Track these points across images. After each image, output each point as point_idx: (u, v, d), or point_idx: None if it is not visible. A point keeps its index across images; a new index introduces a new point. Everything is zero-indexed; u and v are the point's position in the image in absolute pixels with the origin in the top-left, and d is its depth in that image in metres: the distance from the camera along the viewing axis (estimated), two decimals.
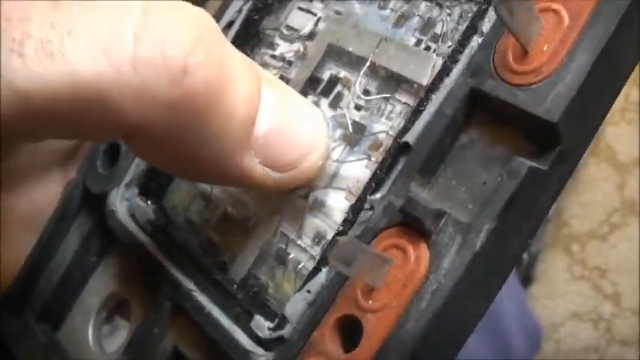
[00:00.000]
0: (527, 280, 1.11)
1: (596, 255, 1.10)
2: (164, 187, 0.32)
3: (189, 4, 0.25)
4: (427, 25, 0.28)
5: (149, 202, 0.32)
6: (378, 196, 0.25)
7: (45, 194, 0.35)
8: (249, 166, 0.25)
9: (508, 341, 0.84)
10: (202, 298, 0.28)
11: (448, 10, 0.27)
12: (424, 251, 0.23)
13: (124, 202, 0.32)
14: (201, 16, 0.24)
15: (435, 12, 0.28)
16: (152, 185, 0.32)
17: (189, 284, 0.28)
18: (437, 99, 0.25)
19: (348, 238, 0.22)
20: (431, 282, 0.22)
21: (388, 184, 0.25)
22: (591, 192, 1.13)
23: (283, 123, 0.26)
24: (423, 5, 0.28)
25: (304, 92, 0.30)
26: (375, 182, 0.26)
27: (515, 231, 0.23)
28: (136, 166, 0.32)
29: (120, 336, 0.34)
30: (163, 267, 0.29)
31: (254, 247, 0.28)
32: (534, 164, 0.22)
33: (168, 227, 0.31)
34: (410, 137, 0.25)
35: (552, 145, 0.23)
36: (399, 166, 0.25)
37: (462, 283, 0.22)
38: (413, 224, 0.23)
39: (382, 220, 0.24)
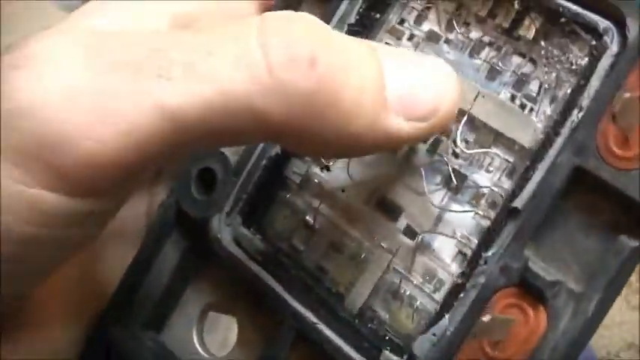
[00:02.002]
0: None
1: None
2: (266, 214, 0.38)
3: (305, 15, 0.31)
4: (520, 82, 0.34)
5: (252, 230, 0.38)
6: (490, 253, 0.32)
7: (134, 213, 0.41)
8: (394, 126, 0.31)
9: None
10: (328, 332, 0.35)
11: (545, 74, 0.33)
12: (542, 313, 0.31)
13: (227, 230, 0.38)
14: (307, 16, 0.30)
15: (528, 68, 0.34)
16: (254, 213, 0.38)
17: (311, 317, 0.36)
18: (542, 168, 0.32)
19: (491, 319, 0.30)
20: (549, 340, 0.30)
21: (500, 242, 0.32)
22: None
23: (411, 77, 0.32)
24: (516, 59, 0.34)
25: None
26: (486, 239, 0.33)
27: (614, 295, 0.31)
28: (235, 195, 0.38)
29: (218, 331, 0.41)
30: (284, 299, 0.36)
31: (368, 281, 0.36)
32: (634, 244, 0.30)
33: (277, 255, 0.37)
34: (519, 203, 0.32)
35: None
36: (510, 227, 0.32)
37: (576, 342, 0.30)
38: (531, 290, 0.31)
39: (500, 280, 0.32)
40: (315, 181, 0.38)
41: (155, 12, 0.34)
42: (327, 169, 0.38)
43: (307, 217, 0.38)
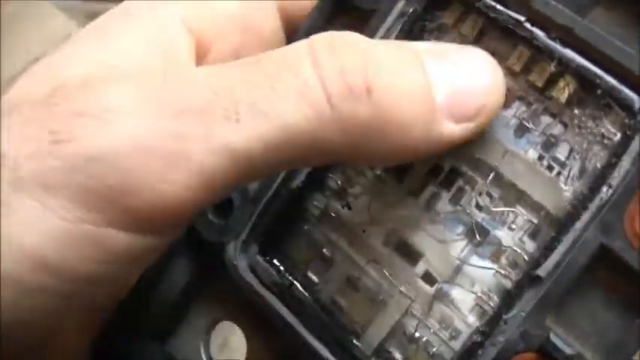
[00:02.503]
0: None
1: None
2: (282, 244, 0.39)
3: (346, 36, 0.32)
4: (549, 143, 0.35)
5: (268, 259, 0.39)
6: (510, 315, 0.34)
7: None
8: (447, 131, 0.33)
9: None
10: None
11: (577, 142, 0.34)
12: None
13: (242, 257, 0.39)
14: (355, 37, 0.32)
15: (558, 130, 0.35)
16: (271, 242, 0.39)
17: (328, 355, 0.37)
18: (567, 240, 0.33)
19: None
20: None
21: (520, 306, 0.34)
22: None
23: (455, 81, 0.33)
24: (546, 118, 0.35)
25: (425, 181, 0.37)
26: (507, 300, 0.34)
27: None
28: (253, 223, 0.39)
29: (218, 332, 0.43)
30: (299, 334, 0.38)
31: (385, 322, 0.38)
32: None
33: (293, 287, 0.39)
34: (543, 272, 0.33)
35: None
36: (531, 293, 0.34)
37: None
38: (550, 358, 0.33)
39: (519, 344, 0.34)
40: (335, 215, 0.39)
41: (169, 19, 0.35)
42: (349, 207, 0.38)
43: (324, 250, 0.39)
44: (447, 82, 0.33)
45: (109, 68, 0.32)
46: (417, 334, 0.37)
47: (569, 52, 0.33)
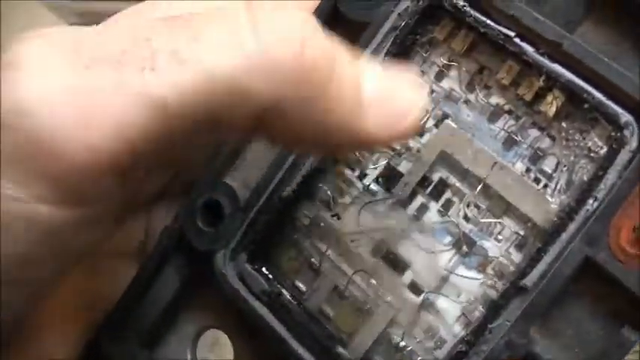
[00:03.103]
0: None
1: None
2: (271, 253, 0.40)
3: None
4: (536, 156, 0.35)
5: (257, 267, 0.39)
6: (495, 324, 0.34)
7: (131, 232, 0.42)
8: (366, 128, 0.32)
9: None
10: None
11: (564, 156, 0.34)
12: None
13: (231, 265, 0.39)
14: (296, 4, 0.32)
15: (545, 144, 0.35)
16: (260, 251, 0.39)
17: None
18: (553, 251, 0.33)
19: None
20: None
21: (505, 315, 0.34)
22: None
23: (384, 86, 0.33)
24: (534, 132, 0.35)
25: (413, 191, 0.37)
26: (492, 310, 0.35)
27: None
28: (243, 232, 0.39)
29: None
30: (288, 343, 0.38)
31: (371, 332, 0.38)
32: (636, 337, 0.32)
33: (281, 297, 0.39)
34: (529, 282, 0.34)
35: None
36: (516, 303, 0.34)
37: None
38: None
39: (504, 352, 0.34)
40: (324, 225, 0.39)
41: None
42: (338, 217, 0.39)
43: (313, 260, 0.39)
44: (376, 83, 0.32)
45: (43, 30, 0.30)
46: (402, 344, 0.37)
47: (557, 68, 0.34)
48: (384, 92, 0.32)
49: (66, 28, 0.30)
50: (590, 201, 0.33)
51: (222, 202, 0.39)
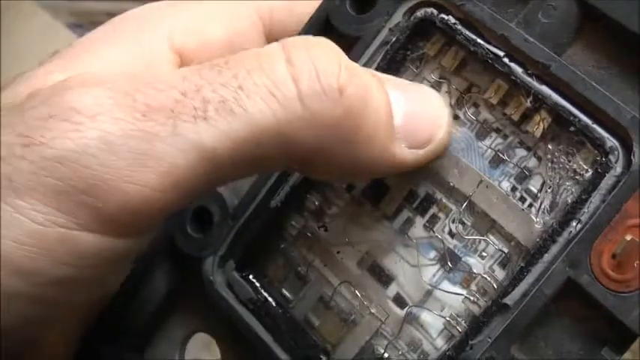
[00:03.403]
0: None
1: None
2: (259, 261, 0.40)
3: (321, 39, 0.33)
4: (523, 176, 0.35)
5: (244, 275, 0.40)
6: (476, 340, 0.35)
7: None
8: (400, 152, 0.34)
9: None
10: None
11: (550, 177, 0.34)
12: None
13: (219, 272, 0.40)
14: (330, 43, 0.33)
15: (532, 163, 0.35)
16: (248, 259, 0.40)
17: None
18: (535, 271, 0.34)
19: None
20: None
21: (486, 332, 0.35)
22: None
23: (412, 108, 0.35)
24: (520, 151, 0.36)
25: (400, 206, 0.37)
26: (474, 326, 0.35)
27: None
28: (231, 240, 0.39)
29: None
30: (273, 352, 0.38)
31: (356, 342, 0.38)
32: (615, 358, 0.33)
33: (267, 304, 0.39)
34: (510, 301, 0.34)
35: (631, 342, 0.33)
36: (498, 321, 0.34)
37: None
38: None
39: None
40: (311, 235, 0.39)
41: (155, 37, 0.36)
42: (325, 228, 0.39)
43: (300, 269, 0.39)
44: (403, 108, 0.34)
45: (88, 75, 0.32)
46: (385, 355, 0.37)
47: (545, 89, 0.34)
48: (411, 116, 0.34)
49: (119, 75, 0.32)
50: (574, 223, 0.33)
51: (211, 209, 0.40)
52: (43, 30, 0.65)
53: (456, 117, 0.37)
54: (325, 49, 0.32)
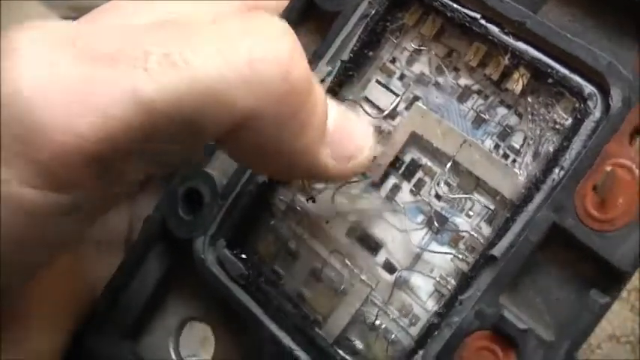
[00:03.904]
0: None
1: (634, 276, 1.16)
2: (250, 239, 0.40)
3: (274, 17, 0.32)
4: (505, 133, 0.35)
5: (236, 253, 0.39)
6: (466, 296, 0.34)
7: (116, 221, 0.42)
8: (324, 158, 0.33)
9: None
10: (304, 357, 0.37)
11: (531, 130, 0.34)
12: (512, 358, 0.33)
13: (211, 251, 0.39)
14: (289, 28, 0.32)
15: (513, 121, 0.35)
16: (238, 237, 0.39)
17: (289, 342, 0.37)
18: (520, 221, 0.33)
19: None
20: None
21: (476, 286, 0.34)
22: None
23: (343, 122, 0.35)
24: (502, 110, 0.36)
25: (387, 172, 0.37)
26: (463, 282, 0.34)
27: (582, 342, 0.33)
28: (221, 218, 0.39)
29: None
30: (263, 323, 0.37)
31: (346, 311, 0.37)
32: (604, 300, 0.32)
33: (259, 280, 0.39)
34: (497, 252, 0.34)
35: (619, 282, 0.32)
36: (486, 274, 0.34)
37: None
38: (504, 336, 0.33)
39: (474, 323, 0.34)
40: (300, 209, 0.39)
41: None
42: (313, 200, 0.39)
43: (290, 244, 0.39)
44: (335, 117, 0.34)
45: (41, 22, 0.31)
46: (377, 322, 0.37)
47: (522, 45, 0.35)
48: (343, 128, 0.34)
49: (62, 22, 0.31)
50: (556, 170, 0.33)
51: (202, 190, 0.40)
52: None
53: (437, 83, 0.37)
54: (288, 31, 0.32)
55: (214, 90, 0.29)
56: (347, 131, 0.34)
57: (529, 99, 0.35)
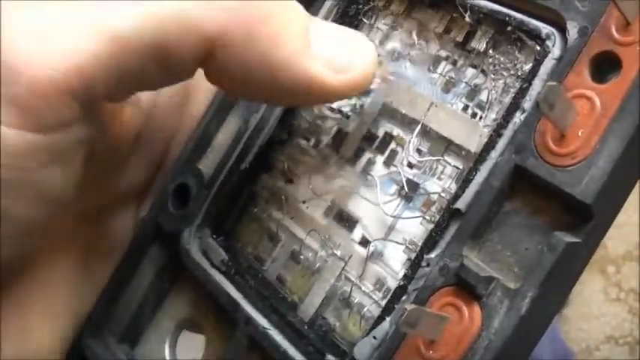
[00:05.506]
0: None
1: (632, 277, 1.10)
2: (233, 227, 0.38)
3: None
4: (473, 92, 0.33)
5: (220, 241, 0.37)
6: (433, 255, 0.31)
7: (120, 228, 0.41)
8: (318, 69, 0.31)
9: None
10: (278, 337, 0.34)
11: (493, 81, 0.32)
12: (477, 311, 0.29)
13: (196, 241, 0.38)
14: None
15: (480, 79, 0.33)
16: (223, 226, 0.38)
17: (264, 322, 0.34)
18: (484, 169, 0.30)
19: (415, 308, 0.28)
20: (483, 338, 0.28)
21: (442, 244, 0.31)
22: (627, 214, 1.13)
23: (334, 32, 0.33)
24: (470, 71, 0.33)
25: (361, 147, 0.35)
26: (430, 242, 0.31)
27: (554, 294, 0.29)
28: (206, 209, 0.37)
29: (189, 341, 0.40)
30: (239, 305, 0.35)
31: (321, 289, 0.34)
32: (571, 239, 0.28)
33: (240, 266, 0.36)
34: (461, 204, 0.30)
35: (586, 220, 0.28)
36: (452, 229, 0.30)
37: (509, 341, 0.28)
38: (467, 288, 0.29)
39: (439, 280, 0.30)
40: (279, 193, 0.37)
41: None
42: (291, 181, 0.37)
43: (271, 230, 0.37)
44: (327, 29, 0.33)
45: None
46: (351, 298, 0.34)
47: (480, 1, 0.33)
48: (335, 38, 0.32)
49: None
50: (518, 114, 0.30)
51: (190, 183, 0.39)
52: None
53: (409, 58, 0.36)
54: None
55: (177, 13, 0.29)
56: (341, 42, 0.32)
57: (492, 52, 0.32)
